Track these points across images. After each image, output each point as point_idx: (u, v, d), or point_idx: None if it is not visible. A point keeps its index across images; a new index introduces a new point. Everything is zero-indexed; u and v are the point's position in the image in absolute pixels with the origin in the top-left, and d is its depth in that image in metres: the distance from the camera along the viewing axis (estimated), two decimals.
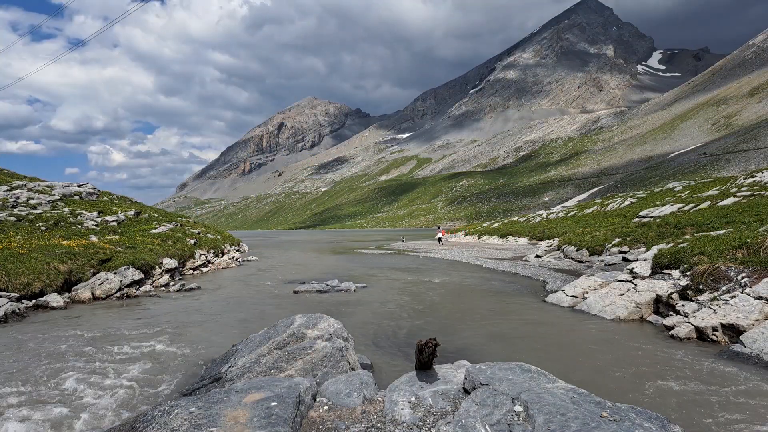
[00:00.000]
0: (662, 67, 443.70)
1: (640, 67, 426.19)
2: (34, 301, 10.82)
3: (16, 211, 18.27)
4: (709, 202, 21.94)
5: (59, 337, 7.96)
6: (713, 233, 12.40)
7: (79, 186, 25.16)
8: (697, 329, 7.16)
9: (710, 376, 5.50)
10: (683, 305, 8.12)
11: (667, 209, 23.71)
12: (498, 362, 4.22)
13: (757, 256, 8.20)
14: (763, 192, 20.47)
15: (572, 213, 41.62)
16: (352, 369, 5.25)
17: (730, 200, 20.71)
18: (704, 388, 5.14)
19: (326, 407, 3.84)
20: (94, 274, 12.94)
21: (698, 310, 7.66)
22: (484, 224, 62.93)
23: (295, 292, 13.16)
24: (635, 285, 9.70)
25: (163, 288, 14.43)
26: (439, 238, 41.07)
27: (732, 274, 8.03)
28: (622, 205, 34.79)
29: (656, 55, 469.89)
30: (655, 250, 11.28)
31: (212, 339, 7.90)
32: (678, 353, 6.51)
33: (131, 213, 22.26)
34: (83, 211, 20.44)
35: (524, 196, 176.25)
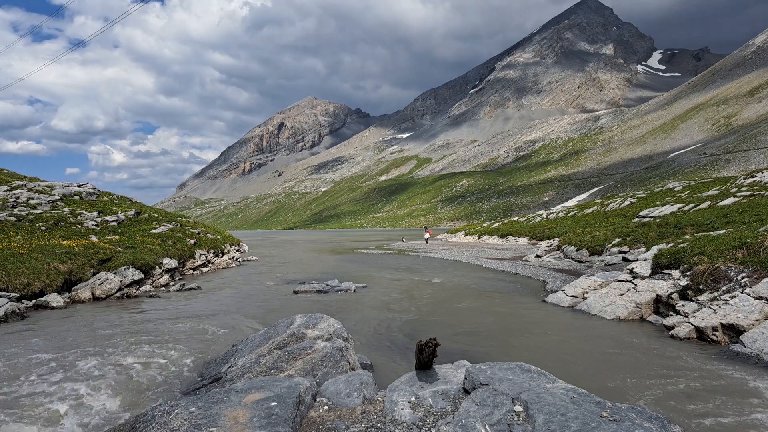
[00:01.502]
0: (662, 67, 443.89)
1: (640, 67, 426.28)
2: (34, 301, 10.82)
3: (16, 211, 18.27)
4: (709, 202, 21.94)
5: (59, 336, 7.96)
6: (713, 233, 12.39)
7: (79, 186, 25.16)
8: (697, 329, 7.16)
9: (710, 376, 5.50)
10: (683, 305, 8.12)
11: (667, 209, 23.71)
12: (498, 362, 4.22)
13: (757, 256, 8.20)
14: (763, 192, 20.46)
15: (572, 213, 41.62)
16: (352, 369, 5.25)
17: (730, 200, 20.71)
18: (704, 388, 5.14)
19: (326, 407, 3.84)
20: (94, 274, 12.94)
21: (698, 310, 7.66)
22: (484, 224, 62.94)
23: (295, 292, 13.16)
24: (635, 285, 9.70)
25: (163, 288, 14.43)
26: (426, 239, 43.69)
27: (732, 274, 8.03)
28: (622, 205, 34.79)
29: (656, 55, 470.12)
30: (655, 250, 11.28)
31: (212, 339, 7.90)
32: (678, 353, 6.51)
33: (131, 213, 22.26)
34: (83, 211, 20.44)
35: (524, 196, 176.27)
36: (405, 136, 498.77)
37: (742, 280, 7.71)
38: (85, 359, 6.55)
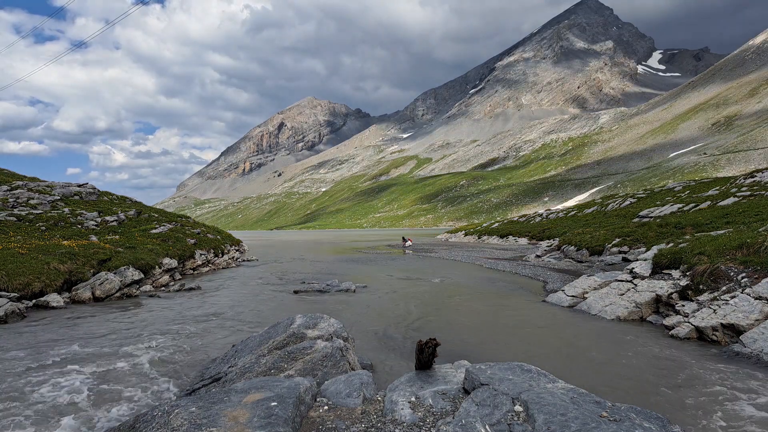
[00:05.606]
0: (662, 67, 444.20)
1: (640, 67, 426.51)
2: (34, 300, 10.82)
3: (16, 211, 18.27)
4: (709, 202, 21.94)
5: (58, 336, 7.96)
6: (713, 233, 12.40)
7: (79, 186, 25.16)
8: (697, 329, 7.16)
9: (710, 376, 5.50)
10: (683, 305, 8.12)
11: (667, 209, 23.71)
12: (498, 362, 4.22)
13: (757, 256, 8.21)
14: (763, 192, 20.47)
15: (572, 213, 41.63)
16: (352, 369, 5.24)
17: (730, 200, 20.71)
18: (704, 388, 5.14)
19: (326, 407, 3.84)
20: (94, 274, 12.93)
21: (698, 310, 7.66)
22: (484, 224, 62.99)
23: (295, 292, 13.16)
24: (635, 285, 9.70)
25: (163, 288, 14.43)
26: (405, 248, 37.30)
27: (732, 274, 8.03)
28: (622, 205, 34.79)
29: (656, 55, 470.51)
30: (655, 250, 11.28)
31: (212, 339, 7.90)
32: (678, 353, 6.51)
33: (131, 213, 22.26)
34: (83, 211, 20.44)
35: (524, 196, 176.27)
36: (405, 136, 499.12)
37: (742, 280, 7.71)
38: (82, 358, 6.55)
